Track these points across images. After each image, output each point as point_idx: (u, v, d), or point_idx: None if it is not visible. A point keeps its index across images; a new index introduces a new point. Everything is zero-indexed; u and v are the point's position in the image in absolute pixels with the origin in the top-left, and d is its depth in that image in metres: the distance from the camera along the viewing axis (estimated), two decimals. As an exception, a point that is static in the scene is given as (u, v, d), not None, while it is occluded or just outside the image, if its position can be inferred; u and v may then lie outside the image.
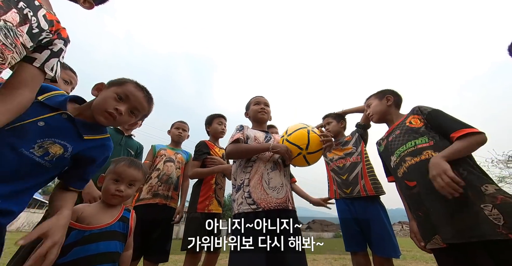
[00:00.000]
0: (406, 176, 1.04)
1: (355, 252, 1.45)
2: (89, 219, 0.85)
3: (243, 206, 1.06)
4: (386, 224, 1.39)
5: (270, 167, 1.17)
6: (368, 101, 1.38)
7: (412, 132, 1.05)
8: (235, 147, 1.20)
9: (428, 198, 0.92)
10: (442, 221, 0.85)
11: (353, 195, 1.49)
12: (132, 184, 0.96)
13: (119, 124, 0.89)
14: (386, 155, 1.22)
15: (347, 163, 1.61)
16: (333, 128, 1.76)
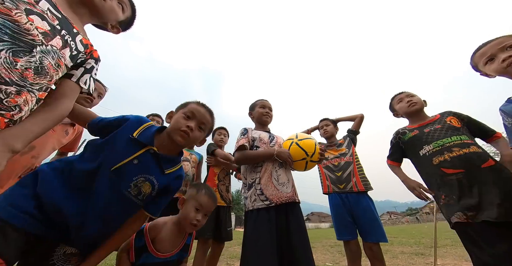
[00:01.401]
0: (448, 164, 1.13)
1: (348, 241, 1.55)
2: (161, 243, 0.91)
3: (257, 202, 1.12)
4: (375, 214, 1.55)
5: (277, 165, 1.23)
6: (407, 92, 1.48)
7: (455, 129, 1.21)
8: (242, 155, 1.26)
9: (484, 183, 1.02)
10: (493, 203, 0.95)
11: (346, 190, 1.64)
12: (206, 214, 1.01)
13: (193, 142, 0.88)
14: (414, 143, 1.31)
15: (341, 162, 1.77)
16: (330, 130, 2.00)
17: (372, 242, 1.46)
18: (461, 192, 1.06)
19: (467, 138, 1.16)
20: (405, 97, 1.44)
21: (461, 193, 1.06)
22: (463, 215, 1.02)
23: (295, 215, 1.12)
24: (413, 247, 4.08)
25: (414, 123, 1.40)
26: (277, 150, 1.22)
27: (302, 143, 1.23)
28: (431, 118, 1.35)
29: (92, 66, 0.74)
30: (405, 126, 1.43)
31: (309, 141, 1.25)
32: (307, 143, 1.23)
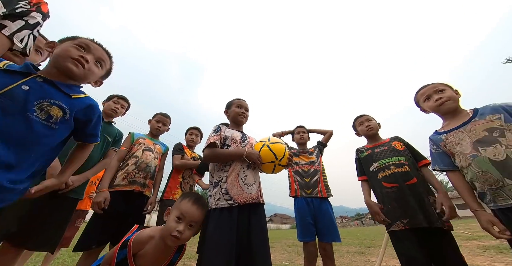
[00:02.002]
0: (386, 179, 1.38)
1: (307, 242, 1.62)
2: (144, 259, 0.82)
3: (220, 201, 1.07)
4: (333, 218, 1.71)
5: (246, 166, 1.21)
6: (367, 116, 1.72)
7: (397, 152, 1.46)
8: (212, 152, 1.21)
9: (408, 195, 1.27)
10: (416, 211, 1.20)
11: (312, 195, 1.75)
12: (192, 225, 0.93)
13: (89, 76, 0.79)
14: (367, 161, 1.56)
15: (311, 169, 1.88)
16: (306, 137, 2.13)
17: (327, 242, 1.59)
18: (396, 202, 1.29)
19: (404, 159, 1.40)
20: (365, 121, 1.67)
21: (396, 203, 1.28)
22: (400, 223, 1.23)
23: (258, 216, 1.10)
24: (357, 247, 4.58)
25: (370, 143, 1.64)
26: (247, 151, 1.20)
27: (273, 146, 1.24)
28: (383, 140, 1.59)
29: (37, 22, 0.62)
30: (363, 146, 1.67)
31: (280, 145, 1.27)
32: (278, 147, 1.25)
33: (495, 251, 2.85)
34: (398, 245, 1.23)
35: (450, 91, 1.18)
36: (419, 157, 1.43)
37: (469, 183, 1.07)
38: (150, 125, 1.87)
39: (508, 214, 0.91)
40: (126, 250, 0.81)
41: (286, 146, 1.30)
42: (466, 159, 1.05)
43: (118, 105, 1.62)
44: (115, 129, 1.58)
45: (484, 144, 1.00)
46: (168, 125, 1.93)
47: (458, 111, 1.16)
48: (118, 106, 1.61)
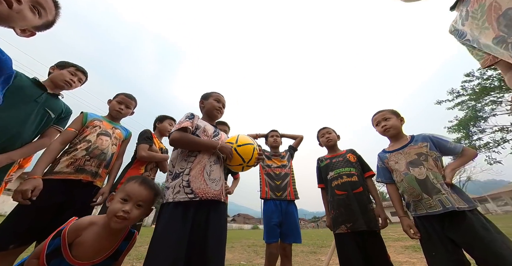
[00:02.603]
0: (338, 187, 1.56)
1: (271, 243, 1.63)
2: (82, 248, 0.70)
3: (180, 195, 0.96)
4: (297, 220, 1.78)
5: (213, 160, 1.13)
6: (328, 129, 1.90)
7: (349, 163, 1.65)
8: (183, 135, 1.09)
9: (354, 202, 1.45)
10: (359, 216, 1.38)
11: (282, 198, 1.81)
12: (140, 205, 0.83)
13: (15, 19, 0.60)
14: (325, 169, 1.72)
15: (282, 172, 1.94)
16: (278, 142, 2.20)
17: (288, 243, 1.64)
18: (344, 208, 1.47)
19: (354, 170, 1.59)
20: (325, 133, 1.87)
21: (344, 209, 1.47)
22: (344, 226, 1.41)
23: (218, 214, 1.02)
24: (310, 247, 4.95)
25: (329, 154, 1.84)
26: (221, 144, 1.15)
27: (241, 149, 1.18)
28: (340, 152, 1.79)
29: None
30: (324, 155, 1.86)
31: (248, 147, 1.20)
32: (245, 150, 1.19)
33: (412, 249, 3.47)
34: (340, 246, 1.42)
35: (395, 119, 1.43)
36: (366, 168, 1.64)
37: (401, 194, 1.32)
38: (110, 106, 1.58)
39: (422, 220, 1.16)
40: (59, 238, 0.70)
41: (255, 145, 1.26)
42: (400, 175, 1.29)
43: (75, 78, 1.34)
44: (61, 104, 1.29)
45: (413, 165, 1.25)
46: (132, 109, 1.65)
47: (400, 136, 1.42)
48: (74, 79, 1.34)
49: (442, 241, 1.05)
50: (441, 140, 1.27)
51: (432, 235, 1.10)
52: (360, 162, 1.67)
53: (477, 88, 10.70)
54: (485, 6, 0.45)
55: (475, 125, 11.55)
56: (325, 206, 1.67)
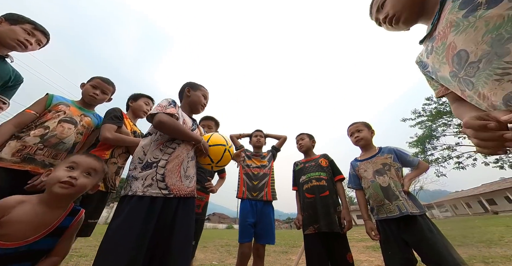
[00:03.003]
0: (308, 190, 1.65)
1: (244, 243, 1.60)
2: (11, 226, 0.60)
3: (152, 189, 0.87)
4: (272, 221, 1.77)
5: (191, 156, 1.08)
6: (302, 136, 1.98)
7: (321, 167, 1.73)
8: (172, 120, 1.02)
9: (319, 205, 1.54)
10: (322, 218, 1.47)
11: (257, 198, 1.78)
12: (90, 173, 0.74)
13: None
14: (299, 173, 1.80)
15: (260, 172, 1.91)
16: (263, 142, 2.17)
17: (262, 244, 1.63)
18: (312, 210, 1.55)
19: (324, 175, 1.66)
20: (299, 139, 1.98)
21: (312, 211, 1.55)
22: (312, 227, 1.49)
23: (186, 212, 0.94)
24: (282, 247, 5.08)
25: (304, 158, 1.93)
26: (203, 140, 1.11)
27: (210, 150, 1.15)
28: (314, 156, 1.86)
29: None
30: (300, 160, 1.94)
31: (218, 148, 1.17)
32: (215, 150, 1.16)
33: (372, 249, 3.81)
34: (307, 246, 1.50)
35: (366, 131, 1.57)
36: (337, 172, 1.71)
37: (367, 199, 1.45)
38: (83, 90, 1.37)
39: (382, 223, 1.30)
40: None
41: (227, 146, 1.22)
42: (367, 182, 1.43)
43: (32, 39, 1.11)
44: (9, 69, 1.08)
45: (379, 174, 1.38)
46: (109, 95, 1.44)
47: (370, 146, 1.57)
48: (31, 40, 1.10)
49: (397, 242, 1.19)
50: (403, 153, 1.44)
51: (389, 236, 1.24)
52: (331, 166, 1.75)
53: (433, 111, 12.91)
54: (446, 44, 0.54)
55: (429, 142, 14.05)
56: (298, 207, 1.73)
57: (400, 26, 0.69)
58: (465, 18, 0.48)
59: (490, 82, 0.44)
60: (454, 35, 0.51)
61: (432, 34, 0.60)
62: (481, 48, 0.45)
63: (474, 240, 4.04)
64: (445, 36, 0.54)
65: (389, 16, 0.68)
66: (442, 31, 0.55)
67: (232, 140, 2.22)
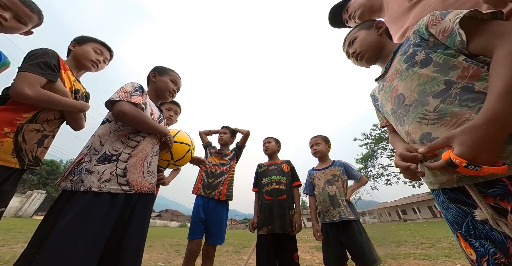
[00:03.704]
0: (267, 192, 1.69)
1: (192, 240, 1.56)
2: None
3: (110, 184, 0.78)
4: (223, 222, 1.71)
5: (155, 151, 1.00)
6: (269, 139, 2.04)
7: (282, 172, 1.79)
8: (138, 112, 0.90)
9: (275, 207, 1.59)
10: (277, 220, 1.53)
11: (210, 196, 1.72)
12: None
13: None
14: (261, 175, 1.84)
15: (218, 170, 1.85)
16: (225, 138, 2.06)
17: (211, 244, 1.59)
18: (268, 212, 1.62)
19: (284, 179, 1.73)
20: (266, 142, 2.04)
21: (268, 213, 1.62)
22: (266, 228, 1.55)
23: (144, 208, 0.88)
24: (235, 247, 5.09)
25: (268, 161, 1.99)
26: (170, 133, 1.04)
27: (178, 138, 1.11)
28: (278, 161, 1.92)
29: None
30: (264, 162, 2.00)
31: (183, 147, 1.12)
32: (179, 148, 1.11)
33: (316, 249, 4.21)
34: (259, 245, 1.55)
35: (323, 145, 1.75)
36: (295, 178, 1.80)
37: (316, 205, 1.61)
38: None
39: (326, 227, 1.47)
40: None
41: (191, 147, 1.18)
42: (319, 190, 1.59)
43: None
44: None
45: (329, 183, 1.57)
46: (27, 26, 0.91)
47: (325, 159, 1.75)
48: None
49: (335, 243, 1.38)
50: (350, 167, 1.66)
51: (330, 238, 1.42)
52: (292, 172, 1.82)
53: (377, 136, 17.30)
54: (391, 87, 0.67)
55: (370, 161, 18.43)
56: (255, 208, 1.77)
57: (363, 62, 0.83)
58: (406, 70, 0.61)
59: (414, 123, 0.57)
60: (398, 81, 0.64)
61: (384, 75, 0.74)
62: (413, 95, 0.58)
63: (389, 241, 4.97)
64: (392, 80, 0.68)
65: (356, 52, 0.81)
66: (391, 75, 0.69)
67: (200, 136, 2.13)
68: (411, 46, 0.62)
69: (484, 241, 0.45)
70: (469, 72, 0.49)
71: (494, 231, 0.44)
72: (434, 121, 0.52)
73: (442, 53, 0.54)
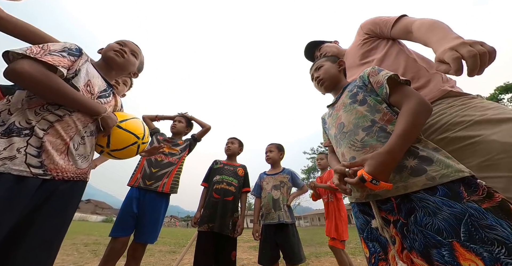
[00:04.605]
0: (217, 191, 1.67)
1: (117, 238, 1.33)
2: None
3: (14, 163, 0.61)
4: (160, 217, 1.49)
5: (90, 131, 0.82)
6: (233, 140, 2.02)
7: (236, 174, 1.79)
8: (44, 75, 0.66)
9: (220, 206, 1.58)
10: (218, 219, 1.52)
11: (151, 188, 1.49)
12: None
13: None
14: (215, 172, 1.80)
15: (165, 160, 1.63)
16: (179, 127, 1.86)
17: (140, 242, 1.38)
18: (213, 210, 1.58)
19: (236, 182, 1.74)
20: (229, 142, 2.00)
21: (213, 210, 1.58)
22: (207, 225, 1.52)
23: (66, 199, 0.73)
24: (171, 246, 4.69)
25: (226, 160, 1.95)
26: (109, 113, 0.86)
27: (117, 133, 0.91)
28: (235, 163, 1.92)
29: None
30: (222, 160, 1.95)
31: (129, 137, 0.95)
32: (123, 138, 0.93)
33: (254, 249, 4.38)
34: (198, 242, 1.51)
35: (276, 153, 1.88)
36: (246, 184, 1.81)
37: (261, 207, 1.70)
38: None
39: (265, 228, 1.58)
40: None
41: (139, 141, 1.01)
42: (266, 193, 1.70)
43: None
44: None
45: (275, 188, 1.69)
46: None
47: (277, 165, 1.89)
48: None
49: (271, 243, 1.49)
50: (296, 176, 1.85)
51: (267, 238, 1.52)
52: (244, 177, 1.83)
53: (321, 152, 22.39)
54: (337, 115, 0.81)
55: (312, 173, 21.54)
56: (200, 203, 1.71)
57: (322, 88, 0.96)
58: (349, 105, 0.75)
59: (346, 147, 0.71)
60: (342, 111, 0.78)
61: (334, 104, 0.88)
62: (349, 126, 0.72)
63: (315, 242, 5.76)
64: (339, 110, 0.81)
65: (319, 78, 0.93)
66: (339, 105, 0.83)
67: (145, 121, 1.81)
68: (356, 87, 0.77)
69: (375, 243, 0.61)
70: (386, 117, 0.65)
71: (381, 236, 0.58)
72: (359, 149, 0.66)
73: (373, 98, 0.70)
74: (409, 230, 0.51)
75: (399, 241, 0.54)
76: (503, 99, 13.74)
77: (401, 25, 0.85)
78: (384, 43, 0.95)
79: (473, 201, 0.45)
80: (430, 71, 0.80)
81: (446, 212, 0.46)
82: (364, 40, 1.01)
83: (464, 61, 0.48)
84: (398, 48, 0.92)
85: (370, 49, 0.99)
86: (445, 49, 0.53)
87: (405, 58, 0.87)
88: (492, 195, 0.45)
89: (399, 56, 0.88)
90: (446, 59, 0.51)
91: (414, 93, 0.62)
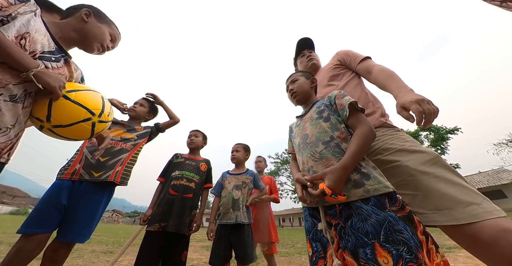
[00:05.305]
0: (174, 187, 1.56)
1: (31, 235, 1.00)
2: None
3: None
4: (97, 212, 1.20)
5: (11, 95, 0.62)
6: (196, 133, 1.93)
7: (199, 171, 1.71)
8: None
9: (177, 204, 1.49)
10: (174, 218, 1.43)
11: (100, 179, 1.21)
12: None
13: None
14: (175, 166, 1.69)
15: (117, 147, 1.37)
16: (139, 111, 1.63)
17: (66, 242, 1.08)
18: (168, 208, 1.46)
19: (197, 178, 1.64)
20: (192, 135, 1.90)
21: (167, 208, 1.46)
22: (158, 225, 1.40)
23: None
24: (108, 245, 4.07)
25: (188, 154, 1.84)
26: (44, 69, 0.66)
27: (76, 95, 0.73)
28: (198, 158, 1.81)
29: None
30: (183, 154, 1.83)
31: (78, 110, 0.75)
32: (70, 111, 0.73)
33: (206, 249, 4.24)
34: (144, 243, 1.36)
35: (242, 153, 1.87)
36: (208, 180, 1.74)
37: (219, 206, 1.67)
38: None
39: (221, 227, 1.54)
40: None
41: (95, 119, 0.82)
42: (226, 192, 1.68)
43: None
44: None
45: (237, 188, 1.69)
46: None
47: (241, 165, 1.88)
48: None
49: (225, 243, 1.46)
50: (258, 178, 1.90)
51: (221, 238, 1.49)
52: (207, 173, 1.76)
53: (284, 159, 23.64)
54: (304, 127, 0.89)
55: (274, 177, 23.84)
56: (153, 200, 1.56)
57: (294, 100, 1.03)
58: (315, 119, 0.84)
59: (307, 157, 0.79)
60: (308, 124, 0.86)
61: (303, 116, 0.96)
62: (312, 138, 0.80)
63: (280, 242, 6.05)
64: (306, 122, 0.89)
65: (293, 91, 1.01)
66: (306, 118, 0.91)
67: None
68: (323, 105, 0.86)
69: (317, 243, 0.69)
70: (343, 135, 0.76)
71: (323, 237, 0.66)
72: (317, 160, 0.74)
73: (335, 118, 0.80)
74: (345, 232, 0.60)
75: (337, 242, 0.63)
76: (421, 135, 18.08)
77: (365, 64, 1.03)
78: (349, 73, 1.13)
79: (392, 211, 0.57)
80: (375, 105, 0.99)
81: (374, 218, 0.56)
82: (335, 66, 1.17)
83: (424, 115, 0.63)
84: (358, 81, 1.09)
85: (336, 75, 1.15)
86: (411, 100, 0.65)
87: (360, 90, 1.05)
88: (404, 207, 0.58)
89: (356, 88, 1.06)
90: (412, 110, 0.65)
91: (366, 121, 0.74)
